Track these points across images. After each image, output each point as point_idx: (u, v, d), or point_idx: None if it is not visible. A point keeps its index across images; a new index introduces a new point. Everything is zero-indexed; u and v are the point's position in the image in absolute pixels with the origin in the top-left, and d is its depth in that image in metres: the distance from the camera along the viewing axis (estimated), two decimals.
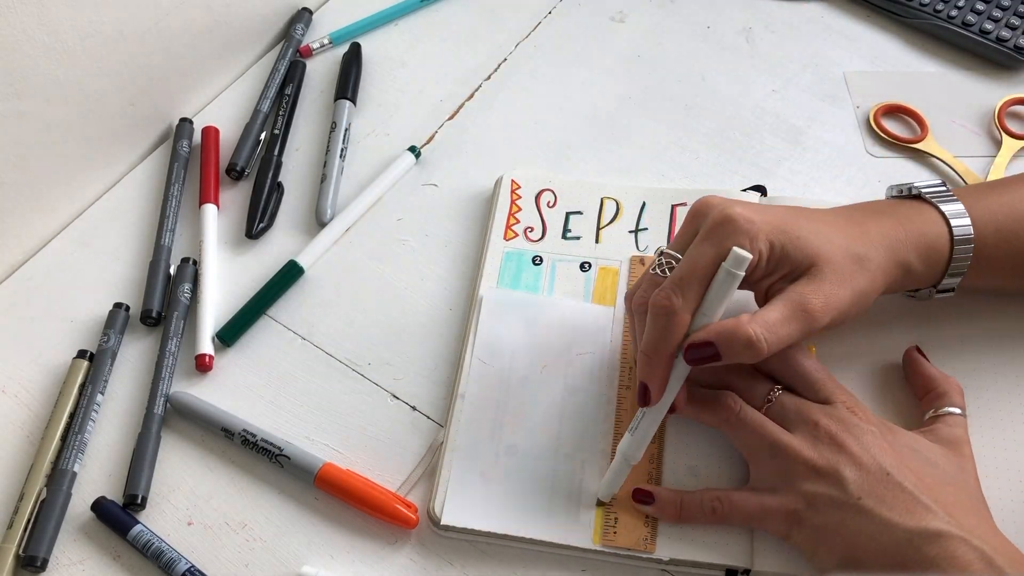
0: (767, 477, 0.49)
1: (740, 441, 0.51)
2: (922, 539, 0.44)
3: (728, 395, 0.51)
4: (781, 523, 0.48)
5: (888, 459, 0.47)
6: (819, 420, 0.48)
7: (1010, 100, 0.69)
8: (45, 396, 0.58)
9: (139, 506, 0.53)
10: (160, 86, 0.69)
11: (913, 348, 0.55)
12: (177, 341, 0.59)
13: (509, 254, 0.62)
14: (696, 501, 0.50)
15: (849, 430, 0.48)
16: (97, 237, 0.66)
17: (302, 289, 0.63)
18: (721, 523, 0.50)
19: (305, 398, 0.58)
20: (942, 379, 0.53)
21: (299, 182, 0.68)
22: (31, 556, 0.51)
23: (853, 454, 0.47)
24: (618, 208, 0.63)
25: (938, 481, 0.47)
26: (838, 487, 0.46)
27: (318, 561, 0.52)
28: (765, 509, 0.48)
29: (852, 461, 0.47)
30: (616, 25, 0.77)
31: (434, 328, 0.60)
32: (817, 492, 0.47)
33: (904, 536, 0.44)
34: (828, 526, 0.46)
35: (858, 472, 0.46)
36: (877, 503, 0.45)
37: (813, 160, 0.67)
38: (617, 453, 0.50)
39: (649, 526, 0.51)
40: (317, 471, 0.53)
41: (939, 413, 0.51)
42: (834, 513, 0.46)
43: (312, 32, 0.77)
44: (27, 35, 0.57)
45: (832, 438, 0.48)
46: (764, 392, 0.51)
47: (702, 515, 0.50)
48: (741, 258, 0.46)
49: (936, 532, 0.44)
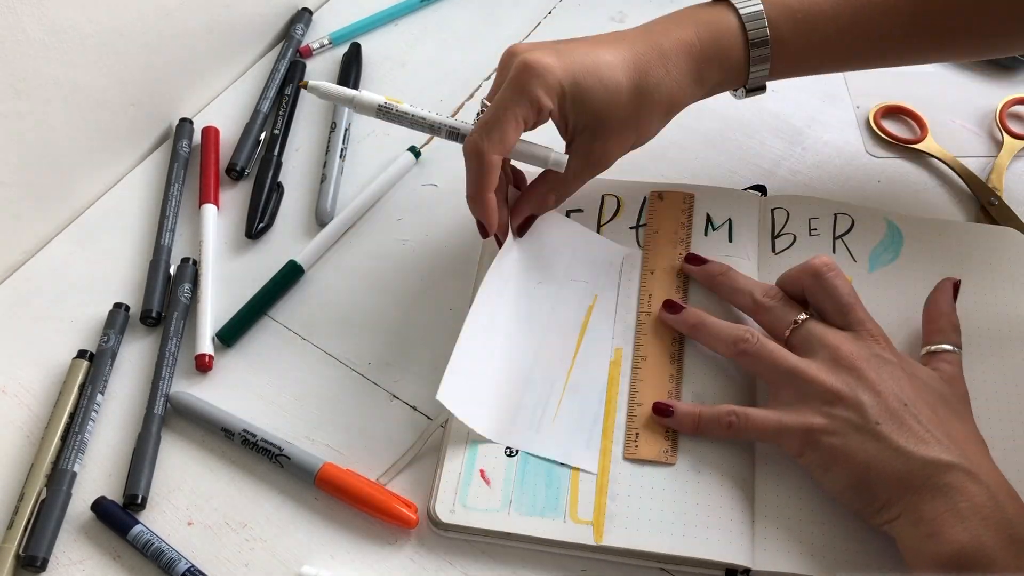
0: (786, 398, 0.50)
1: (759, 370, 0.53)
2: (934, 468, 0.46)
3: (744, 329, 0.53)
4: (796, 441, 0.49)
5: (906, 391, 0.48)
6: (841, 346, 0.50)
7: (1012, 100, 0.69)
8: (45, 396, 0.58)
9: (139, 506, 0.53)
10: (160, 86, 0.69)
11: (951, 280, 0.56)
12: (177, 341, 0.59)
13: None
14: (713, 414, 0.52)
15: (870, 358, 0.49)
16: (97, 237, 0.66)
17: (302, 289, 0.63)
18: (737, 437, 0.51)
19: (305, 398, 0.58)
20: (948, 316, 0.54)
21: (299, 182, 0.68)
22: (31, 556, 0.51)
23: (871, 381, 0.48)
24: (619, 205, 0.63)
25: (949, 416, 0.49)
26: (857, 411, 0.48)
27: (318, 561, 0.52)
28: (782, 426, 0.50)
29: (870, 388, 0.48)
30: (616, 25, 0.77)
31: (434, 328, 0.60)
32: (835, 414, 0.48)
33: (917, 464, 0.46)
34: (844, 448, 0.48)
35: (876, 399, 0.48)
36: (893, 430, 0.47)
37: (813, 160, 0.67)
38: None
39: (670, 439, 0.53)
40: (317, 471, 0.53)
41: (936, 349, 0.53)
42: (852, 436, 0.48)
43: (312, 32, 0.77)
44: (27, 35, 0.57)
45: (852, 365, 0.49)
46: (792, 317, 0.52)
47: (718, 428, 0.51)
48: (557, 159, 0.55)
49: (947, 463, 0.46)
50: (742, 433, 0.51)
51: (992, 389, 0.55)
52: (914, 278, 0.59)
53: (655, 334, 0.57)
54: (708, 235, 0.61)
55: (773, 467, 0.52)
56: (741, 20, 0.55)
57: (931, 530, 0.45)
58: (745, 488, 0.52)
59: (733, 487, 0.51)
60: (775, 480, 0.52)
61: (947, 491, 0.45)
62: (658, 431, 0.53)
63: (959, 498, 0.45)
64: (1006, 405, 0.54)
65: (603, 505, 0.51)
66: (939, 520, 0.45)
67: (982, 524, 0.44)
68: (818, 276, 0.53)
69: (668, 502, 0.51)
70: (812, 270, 0.53)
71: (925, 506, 0.45)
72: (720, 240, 0.61)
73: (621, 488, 0.52)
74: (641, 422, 0.54)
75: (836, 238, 0.61)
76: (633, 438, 0.53)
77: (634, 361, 0.56)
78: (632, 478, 0.52)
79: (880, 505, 0.47)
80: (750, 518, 0.51)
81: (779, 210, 0.62)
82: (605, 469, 0.52)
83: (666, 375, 0.55)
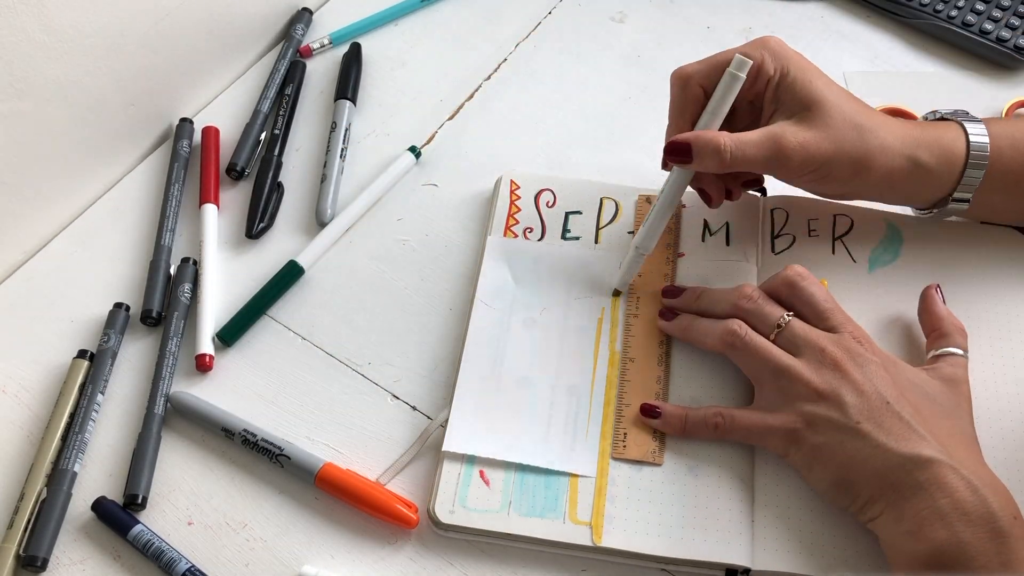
0: (770, 397, 0.51)
1: (745, 365, 0.53)
2: (913, 464, 0.46)
3: (734, 321, 0.53)
4: (780, 441, 0.50)
5: (888, 389, 0.49)
6: (825, 347, 0.50)
7: (1017, 103, 0.69)
8: (45, 396, 0.58)
9: (139, 506, 0.53)
10: (160, 86, 0.69)
11: (932, 286, 0.56)
12: (177, 341, 0.59)
13: None
14: (700, 416, 0.53)
15: (853, 358, 0.50)
16: (97, 237, 0.66)
17: (302, 289, 0.63)
18: (722, 437, 0.52)
19: (305, 398, 0.58)
20: (948, 320, 0.55)
21: (299, 182, 0.68)
22: (31, 556, 0.51)
23: (855, 381, 0.49)
24: (617, 208, 0.63)
25: (934, 414, 0.49)
26: (838, 410, 0.48)
27: (318, 561, 0.52)
28: (766, 427, 0.50)
29: (853, 387, 0.49)
30: (616, 25, 0.77)
31: (434, 328, 0.60)
32: (817, 413, 0.49)
33: (897, 460, 0.46)
34: (825, 446, 0.48)
35: (858, 398, 0.48)
36: (874, 428, 0.47)
37: None
38: (631, 247, 0.57)
39: (657, 440, 0.53)
40: (317, 471, 0.53)
41: (940, 352, 0.53)
42: (832, 434, 0.48)
43: (312, 32, 0.77)
44: (27, 35, 0.57)
45: (836, 364, 0.50)
46: (776, 318, 0.53)
47: (705, 429, 0.52)
48: (742, 62, 0.53)
49: (927, 459, 0.46)
50: (728, 434, 0.52)
51: (993, 389, 0.55)
52: (914, 278, 0.59)
53: (644, 336, 0.57)
54: (705, 240, 0.61)
55: (773, 467, 0.52)
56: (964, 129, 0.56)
57: (911, 527, 0.45)
58: (744, 488, 0.52)
59: (732, 487, 0.52)
60: (775, 480, 0.52)
61: (927, 487, 0.45)
62: (646, 431, 0.54)
63: (939, 494, 0.45)
64: (1007, 404, 0.54)
65: (602, 507, 0.51)
66: (919, 518, 0.45)
67: (962, 520, 0.44)
68: (792, 286, 0.53)
69: (667, 504, 0.51)
70: (786, 281, 0.53)
71: (906, 504, 0.46)
72: (717, 245, 0.61)
73: (620, 491, 0.52)
74: (629, 422, 0.54)
75: (835, 239, 0.61)
76: (621, 438, 0.54)
77: (622, 363, 0.56)
78: (631, 480, 0.52)
79: (863, 503, 0.48)
80: (749, 518, 0.51)
81: (778, 211, 0.63)
82: (604, 471, 0.52)
83: (653, 377, 0.55)
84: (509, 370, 0.56)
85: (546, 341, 0.58)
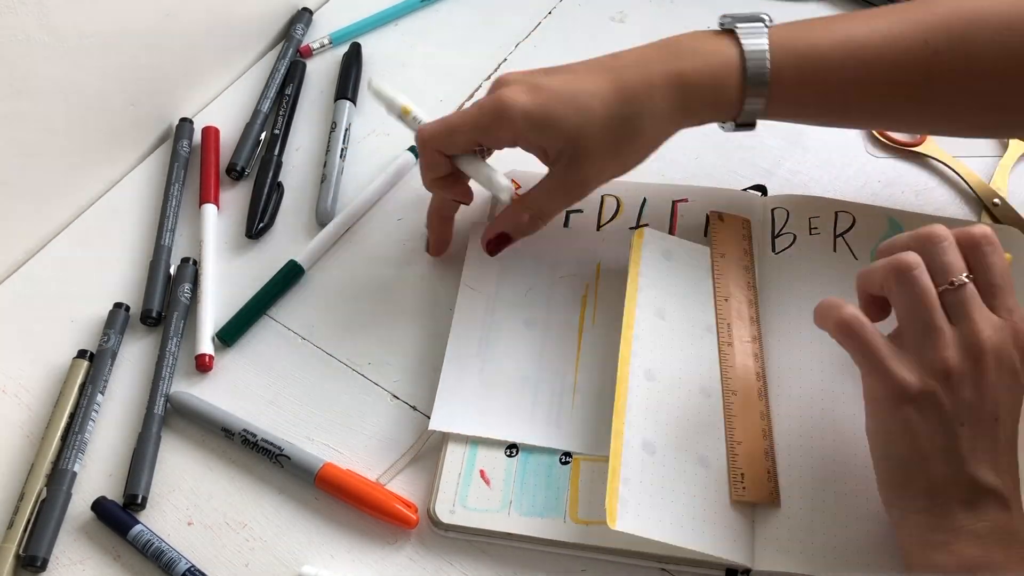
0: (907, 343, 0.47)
1: (900, 299, 0.47)
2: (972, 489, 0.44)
3: (912, 254, 0.47)
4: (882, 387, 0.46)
5: (1005, 406, 0.45)
6: (983, 331, 0.45)
7: None
8: (45, 396, 0.58)
9: (139, 506, 0.53)
10: (160, 86, 0.69)
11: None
12: (177, 341, 0.59)
13: None
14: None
15: (999, 357, 0.45)
16: (97, 237, 0.66)
17: (302, 289, 0.63)
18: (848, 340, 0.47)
19: (305, 398, 0.58)
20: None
21: (299, 182, 0.68)
22: (31, 556, 0.51)
23: (985, 383, 0.45)
24: (618, 205, 0.63)
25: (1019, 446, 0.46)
26: (952, 402, 0.45)
27: (318, 561, 0.52)
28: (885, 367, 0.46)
29: (979, 388, 0.45)
30: (616, 25, 0.77)
31: (434, 328, 0.60)
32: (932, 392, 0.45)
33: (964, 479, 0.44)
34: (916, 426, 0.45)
35: (978, 401, 0.45)
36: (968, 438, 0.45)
37: (813, 160, 0.67)
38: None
39: (771, 481, 0.51)
40: (317, 471, 0.53)
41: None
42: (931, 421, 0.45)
43: (312, 32, 0.77)
44: (27, 35, 0.57)
45: (981, 353, 0.45)
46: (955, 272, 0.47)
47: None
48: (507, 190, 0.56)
49: (987, 489, 0.44)
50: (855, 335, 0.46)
51: None
52: None
53: (741, 366, 0.55)
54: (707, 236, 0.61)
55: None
56: (743, 55, 0.53)
57: (945, 539, 0.44)
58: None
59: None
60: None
61: (975, 509, 0.44)
62: (761, 470, 0.52)
63: (983, 521, 0.44)
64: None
65: (616, 489, 0.49)
66: (955, 532, 0.44)
67: (1000, 544, 0.43)
68: (976, 248, 0.47)
69: (678, 492, 0.50)
70: (971, 240, 0.47)
71: (946, 517, 0.44)
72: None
73: (633, 473, 0.51)
74: (744, 461, 0.52)
75: (837, 236, 0.61)
76: (739, 478, 0.51)
77: (724, 396, 0.55)
78: (643, 464, 0.51)
79: (911, 495, 0.46)
80: (750, 518, 0.51)
81: (779, 210, 0.62)
82: (617, 452, 0.51)
83: (757, 411, 0.54)
84: (494, 350, 0.57)
85: (532, 321, 0.58)
